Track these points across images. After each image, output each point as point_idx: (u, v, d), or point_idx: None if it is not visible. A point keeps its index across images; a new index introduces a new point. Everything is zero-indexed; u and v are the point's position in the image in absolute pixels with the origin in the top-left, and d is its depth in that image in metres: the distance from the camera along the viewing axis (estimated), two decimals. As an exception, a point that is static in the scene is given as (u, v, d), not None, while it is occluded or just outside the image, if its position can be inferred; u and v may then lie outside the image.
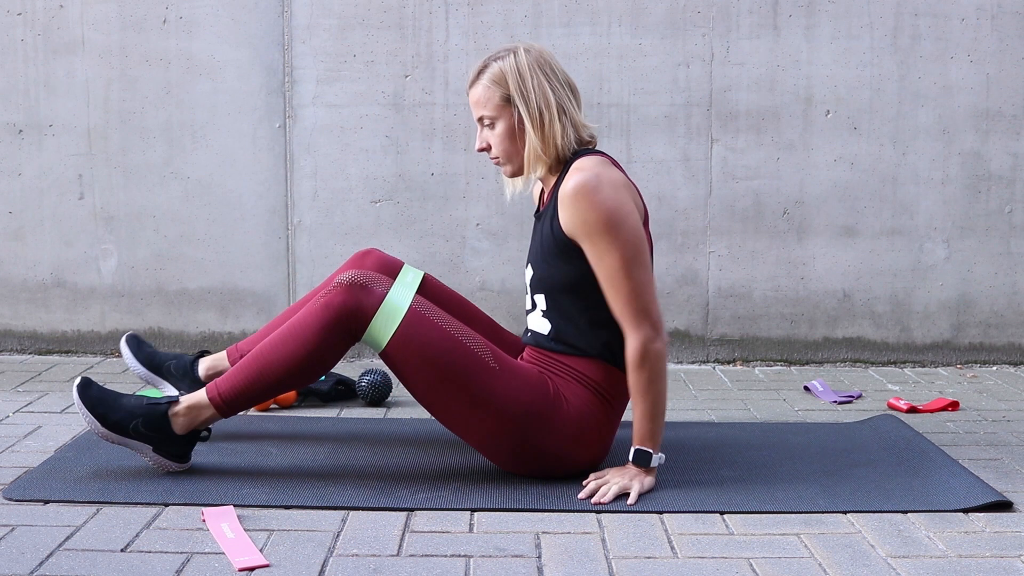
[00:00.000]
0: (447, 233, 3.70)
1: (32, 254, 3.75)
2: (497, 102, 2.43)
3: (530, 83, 2.42)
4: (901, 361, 3.76)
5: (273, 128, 3.69)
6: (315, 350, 2.34)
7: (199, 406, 2.40)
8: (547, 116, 2.42)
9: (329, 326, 2.33)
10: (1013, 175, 3.71)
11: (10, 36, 3.68)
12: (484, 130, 2.48)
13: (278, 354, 2.37)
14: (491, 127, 2.46)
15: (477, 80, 2.46)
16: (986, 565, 2.01)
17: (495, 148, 2.47)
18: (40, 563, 1.96)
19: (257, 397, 2.40)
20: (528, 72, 2.42)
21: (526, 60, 2.42)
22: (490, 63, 2.45)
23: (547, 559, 2.01)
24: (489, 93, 2.43)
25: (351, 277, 2.35)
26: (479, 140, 2.49)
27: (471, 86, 2.47)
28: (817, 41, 3.65)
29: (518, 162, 2.48)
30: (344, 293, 2.33)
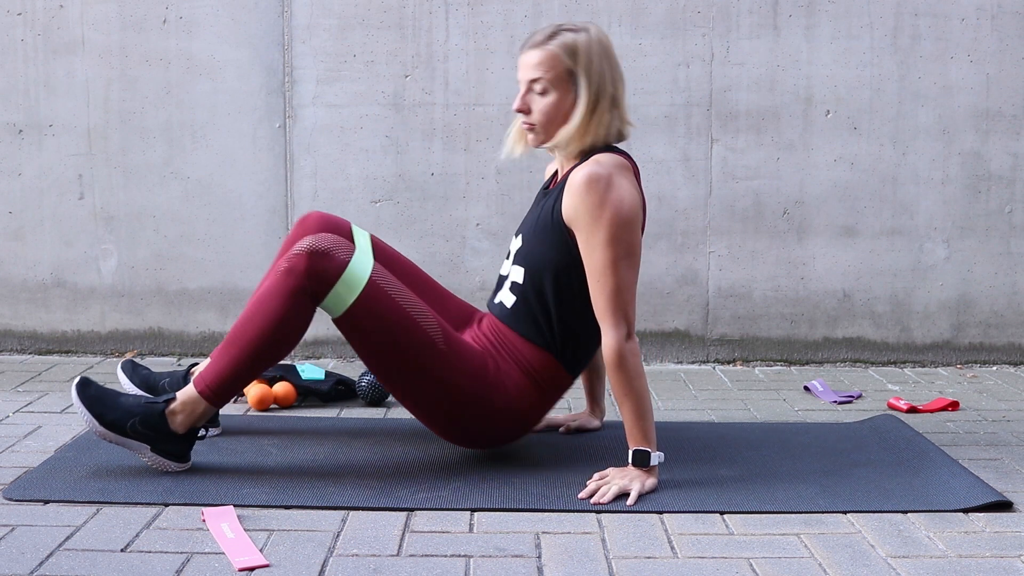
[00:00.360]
0: (447, 233, 3.71)
1: (32, 254, 3.75)
2: (560, 72, 2.42)
3: (596, 66, 2.42)
4: (901, 361, 3.76)
5: (273, 128, 3.69)
6: (282, 319, 2.37)
7: (191, 400, 2.41)
8: (602, 104, 2.43)
9: (292, 293, 2.36)
10: (1013, 175, 3.71)
11: (10, 36, 3.68)
12: (530, 94, 2.45)
13: (248, 330, 2.38)
14: (542, 94, 2.44)
15: (545, 43, 2.42)
16: (986, 565, 2.01)
17: (536, 114, 2.45)
18: (40, 563, 1.96)
19: (242, 377, 2.41)
20: (598, 55, 2.43)
21: (598, 42, 2.43)
22: (563, 32, 2.43)
23: (547, 559, 2.01)
24: (554, 61, 2.41)
25: (312, 244, 2.36)
26: (520, 101, 2.45)
27: (534, 47, 2.43)
28: (817, 41, 3.65)
29: (551, 134, 2.47)
30: (306, 260, 2.35)
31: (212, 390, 2.39)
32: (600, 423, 2.87)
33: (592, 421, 2.86)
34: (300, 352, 3.74)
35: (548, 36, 2.43)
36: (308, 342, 3.71)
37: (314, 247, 2.36)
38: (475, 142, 3.68)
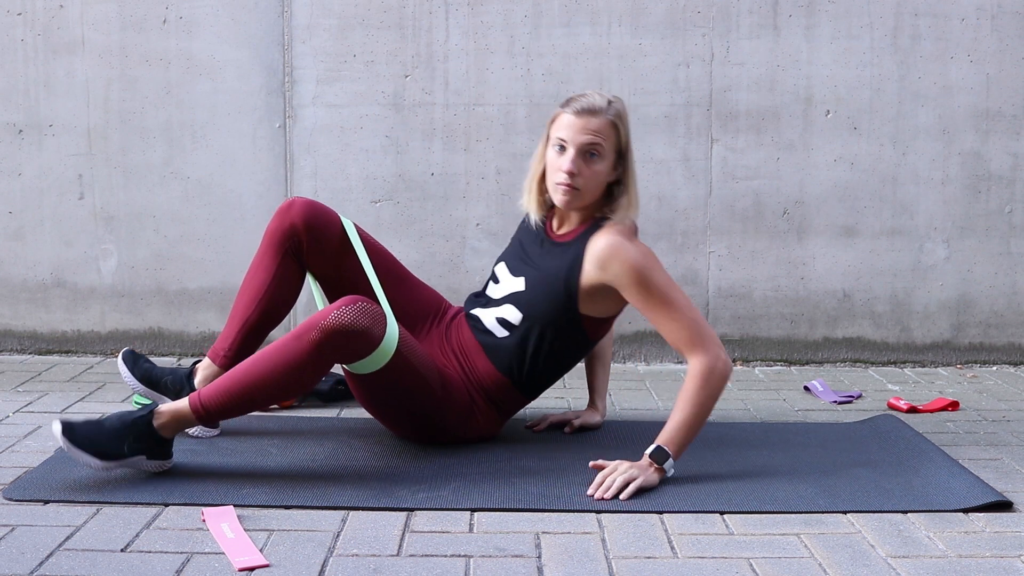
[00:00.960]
0: (447, 233, 3.71)
1: (32, 254, 3.75)
2: (613, 142, 2.53)
3: (630, 144, 2.60)
4: (901, 361, 3.76)
5: (273, 128, 3.69)
6: (300, 379, 2.42)
7: (181, 414, 2.40)
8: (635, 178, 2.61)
9: (319, 362, 2.38)
10: (1013, 175, 3.71)
11: (10, 36, 3.68)
12: (580, 158, 2.51)
13: (265, 380, 2.39)
14: (595, 159, 2.52)
15: (606, 111, 2.51)
16: (986, 565, 2.01)
17: (584, 179, 2.52)
18: (40, 563, 1.96)
19: (237, 411, 2.43)
20: (629, 132, 2.60)
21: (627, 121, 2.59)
22: (616, 103, 2.54)
23: (547, 559, 2.01)
24: (612, 130, 2.53)
25: (349, 322, 2.35)
26: (572, 163, 2.50)
27: (594, 113, 2.50)
28: (817, 41, 3.65)
29: (589, 200, 2.57)
30: (340, 338, 2.35)
31: (207, 410, 2.40)
32: (601, 419, 2.88)
33: (594, 416, 2.87)
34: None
35: (607, 103, 2.52)
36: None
37: (350, 327, 2.35)
38: (475, 142, 3.68)
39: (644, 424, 2.88)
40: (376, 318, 2.40)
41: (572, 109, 2.51)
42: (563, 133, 2.51)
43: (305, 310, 3.71)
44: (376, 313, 2.40)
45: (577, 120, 2.50)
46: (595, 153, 2.51)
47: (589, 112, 2.50)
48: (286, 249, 2.71)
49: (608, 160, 2.53)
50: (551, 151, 2.55)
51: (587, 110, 2.50)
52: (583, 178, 2.51)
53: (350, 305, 2.37)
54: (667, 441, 2.40)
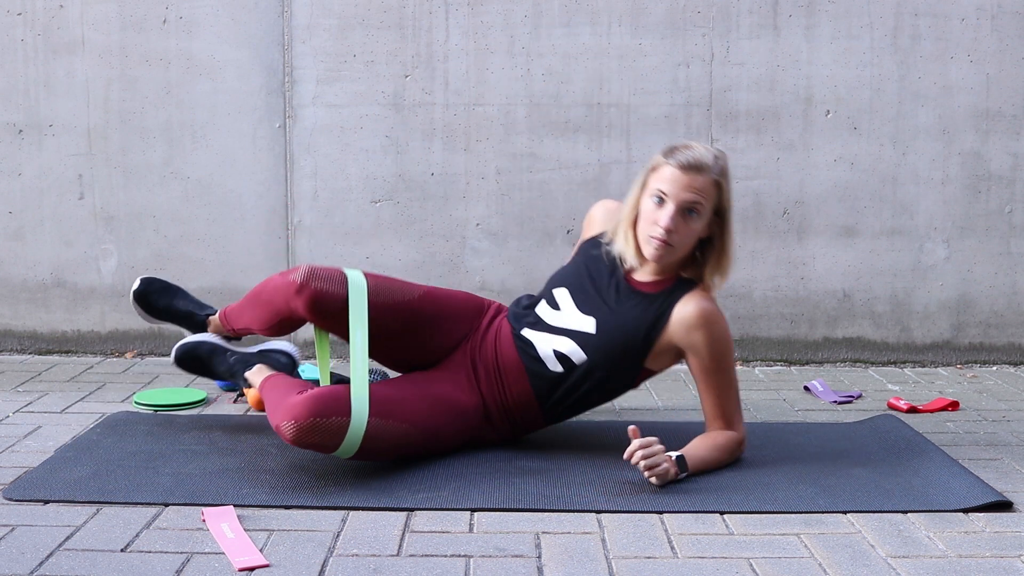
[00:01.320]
0: (447, 233, 3.70)
1: (32, 254, 3.75)
2: (714, 202, 2.47)
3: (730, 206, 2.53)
4: (901, 361, 3.76)
5: (273, 128, 3.69)
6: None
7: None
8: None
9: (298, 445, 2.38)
10: (1013, 175, 3.71)
11: (10, 36, 3.68)
12: (681, 214, 2.44)
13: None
14: (693, 217, 2.45)
15: (710, 170, 2.44)
16: (986, 565, 2.01)
17: (680, 236, 2.45)
18: (40, 563, 1.96)
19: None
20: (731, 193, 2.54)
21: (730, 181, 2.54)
22: (721, 160, 2.47)
23: (547, 559, 2.01)
24: (714, 190, 2.46)
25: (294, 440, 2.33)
26: (671, 220, 2.43)
27: (700, 171, 2.42)
28: (817, 41, 3.65)
29: (677, 257, 2.50)
30: (306, 434, 2.33)
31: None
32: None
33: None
34: (300, 351, 3.73)
35: (713, 160, 2.45)
36: (308, 342, 3.71)
37: (298, 443, 2.34)
38: (475, 142, 3.68)
39: (645, 424, 2.88)
40: (327, 432, 2.33)
41: (677, 162, 2.43)
42: (665, 186, 2.43)
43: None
44: (327, 428, 2.33)
45: (682, 176, 2.42)
46: (695, 211, 2.44)
47: (695, 169, 2.42)
48: (290, 321, 2.63)
49: (705, 219, 2.47)
50: (648, 201, 2.47)
51: (693, 166, 2.42)
52: (679, 235, 2.45)
53: (298, 422, 2.31)
54: (689, 457, 2.45)
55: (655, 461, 2.35)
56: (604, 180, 3.67)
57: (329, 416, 2.33)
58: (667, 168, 2.45)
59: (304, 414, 2.32)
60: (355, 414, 2.36)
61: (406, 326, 2.61)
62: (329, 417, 2.33)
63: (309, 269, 2.52)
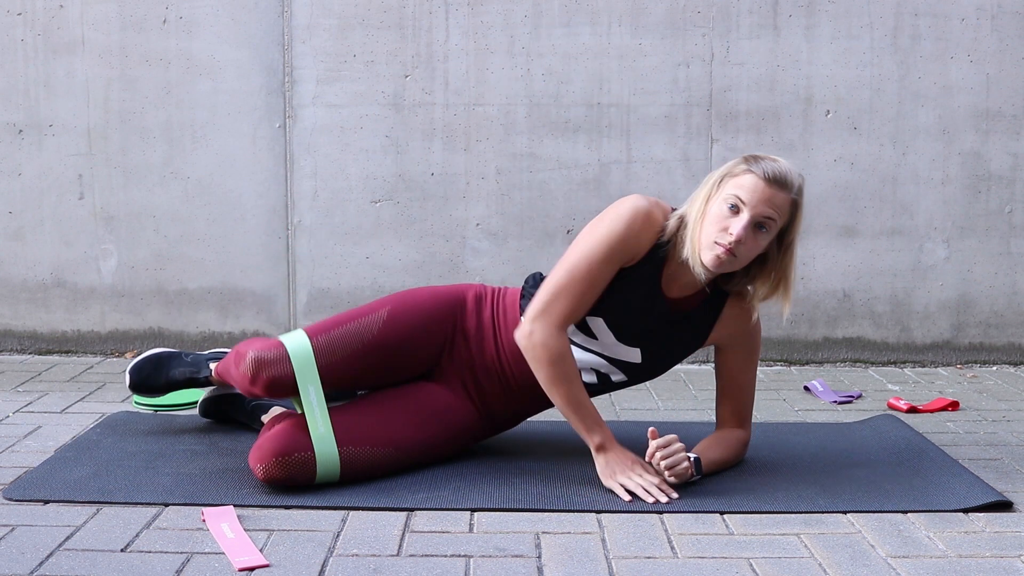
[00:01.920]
0: (447, 233, 3.70)
1: (32, 254, 3.75)
2: (785, 220, 2.35)
3: (798, 231, 2.42)
4: (901, 361, 3.76)
5: (273, 128, 3.69)
6: None
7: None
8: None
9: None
10: (1013, 175, 3.71)
11: (10, 36, 3.68)
12: (752, 227, 2.30)
13: None
14: (762, 233, 2.31)
15: (792, 189, 2.32)
16: (986, 565, 2.01)
17: (746, 249, 2.31)
18: (40, 563, 1.96)
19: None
20: (802, 217, 2.41)
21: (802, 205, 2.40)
22: (800, 181, 2.35)
23: (547, 559, 2.01)
24: (789, 210, 2.34)
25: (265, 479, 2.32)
26: (743, 230, 2.27)
27: (783, 187, 2.30)
28: (817, 41, 3.65)
29: (735, 269, 2.37)
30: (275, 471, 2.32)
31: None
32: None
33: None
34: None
35: (797, 177, 2.34)
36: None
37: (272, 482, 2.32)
38: (475, 142, 3.68)
39: (645, 425, 2.88)
40: (294, 467, 2.32)
41: (762, 172, 2.29)
42: (744, 195, 2.28)
43: (305, 310, 3.72)
44: (293, 463, 2.31)
45: (765, 188, 2.28)
46: (766, 228, 2.30)
47: (779, 183, 2.29)
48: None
49: (772, 237, 2.34)
50: (719, 204, 2.30)
51: (777, 180, 2.29)
52: (746, 248, 2.30)
53: (264, 463, 2.31)
54: (704, 458, 2.44)
55: (675, 460, 2.34)
56: (604, 180, 3.67)
57: (291, 453, 2.32)
58: (749, 177, 2.30)
59: (267, 453, 2.32)
60: (319, 452, 2.34)
61: (371, 367, 2.49)
62: (292, 454, 2.32)
63: (254, 360, 2.38)
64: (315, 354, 2.41)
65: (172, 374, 2.77)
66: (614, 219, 2.37)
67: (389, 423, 2.45)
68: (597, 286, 2.39)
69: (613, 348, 2.49)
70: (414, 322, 2.52)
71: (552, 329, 2.36)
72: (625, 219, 2.36)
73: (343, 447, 2.36)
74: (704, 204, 2.34)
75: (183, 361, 2.78)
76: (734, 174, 2.33)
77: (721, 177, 2.35)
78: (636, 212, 2.36)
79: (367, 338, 2.46)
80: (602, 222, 2.38)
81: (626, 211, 2.36)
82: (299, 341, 2.43)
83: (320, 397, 2.38)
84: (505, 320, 2.54)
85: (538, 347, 2.36)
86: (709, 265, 2.32)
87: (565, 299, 2.37)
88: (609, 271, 2.38)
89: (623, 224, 2.36)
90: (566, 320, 2.38)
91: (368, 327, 2.47)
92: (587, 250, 2.37)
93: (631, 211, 2.36)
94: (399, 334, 2.50)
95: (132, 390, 2.79)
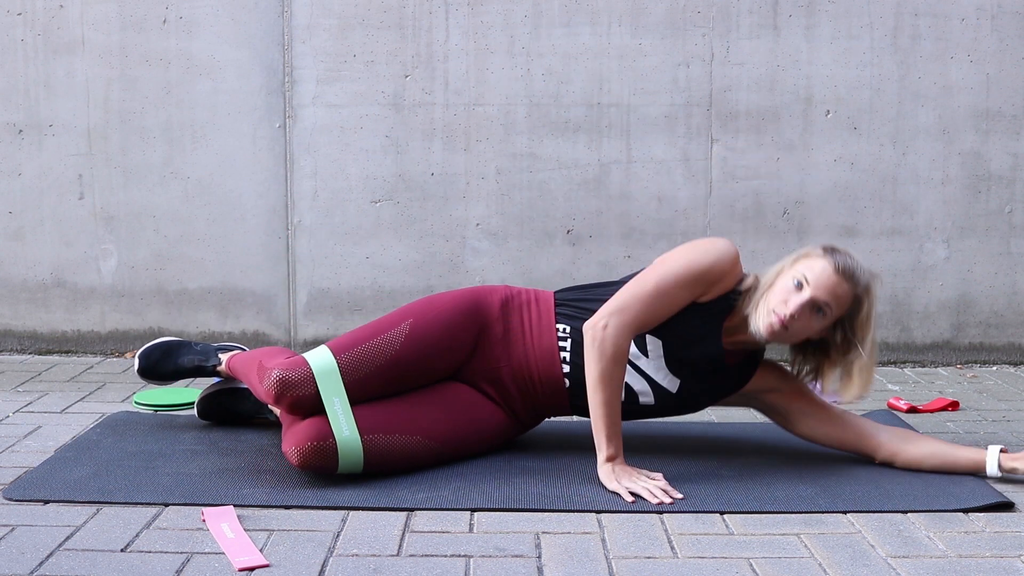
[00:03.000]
0: (447, 233, 3.70)
1: (32, 254, 3.75)
2: (842, 312, 2.43)
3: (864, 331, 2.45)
4: (901, 361, 3.76)
5: (273, 128, 3.69)
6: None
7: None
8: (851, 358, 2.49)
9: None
10: (1013, 175, 3.71)
11: (10, 36, 3.68)
12: (810, 307, 2.40)
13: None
14: (818, 316, 2.41)
15: (857, 284, 2.42)
16: (986, 565, 2.01)
17: (800, 326, 2.41)
18: (40, 563, 1.96)
19: None
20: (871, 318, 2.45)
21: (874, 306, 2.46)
22: (872, 281, 2.44)
23: (547, 559, 2.01)
24: (850, 301, 2.42)
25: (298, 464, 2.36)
26: (799, 307, 2.38)
27: (848, 279, 2.40)
28: (817, 41, 3.65)
29: (785, 343, 2.50)
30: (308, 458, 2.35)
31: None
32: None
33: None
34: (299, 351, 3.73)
35: (865, 275, 2.43)
36: (308, 341, 3.71)
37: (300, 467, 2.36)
38: (475, 142, 3.68)
39: (645, 425, 2.87)
40: (320, 454, 2.35)
41: (832, 262, 2.41)
42: (811, 276, 2.40)
43: (305, 310, 3.72)
44: (319, 450, 2.35)
45: (831, 276, 2.39)
46: (823, 311, 2.40)
47: (846, 275, 2.40)
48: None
49: (828, 323, 2.43)
50: (788, 279, 2.42)
51: (845, 272, 2.40)
52: (799, 324, 2.41)
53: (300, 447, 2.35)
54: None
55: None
56: (604, 180, 3.67)
57: (327, 439, 2.36)
58: (820, 262, 2.41)
59: (303, 439, 2.36)
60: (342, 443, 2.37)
61: (395, 379, 2.51)
62: (327, 440, 2.36)
63: (279, 381, 2.39)
64: (341, 373, 2.44)
65: (181, 361, 2.84)
66: (709, 250, 2.48)
67: (414, 412, 2.49)
68: (673, 306, 2.47)
69: (657, 371, 2.55)
70: (437, 333, 2.55)
71: (624, 329, 2.43)
72: (718, 254, 2.48)
73: (366, 436, 2.39)
74: (776, 275, 2.47)
75: (192, 349, 2.86)
76: (809, 256, 2.45)
77: (798, 256, 2.48)
78: (728, 252, 2.48)
79: (390, 354, 2.49)
80: (696, 249, 2.49)
81: (722, 248, 2.48)
82: (325, 360, 2.44)
83: (346, 406, 2.41)
84: (539, 325, 2.59)
85: (607, 340, 2.41)
86: (763, 331, 2.43)
87: (644, 306, 2.45)
88: (688, 296, 2.48)
89: (715, 258, 2.47)
90: (638, 326, 2.46)
91: (391, 342, 2.50)
92: (677, 269, 2.46)
93: (726, 249, 2.48)
94: (422, 347, 2.53)
95: (140, 375, 2.84)
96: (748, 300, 2.49)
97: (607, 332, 2.41)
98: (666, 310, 2.47)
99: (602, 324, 2.42)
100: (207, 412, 2.88)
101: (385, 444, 2.42)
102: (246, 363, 2.66)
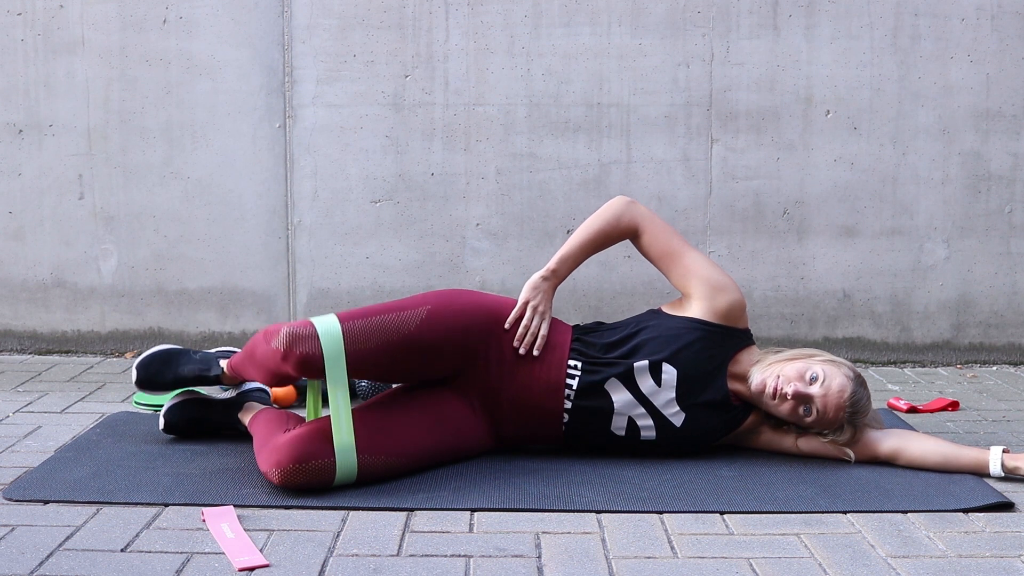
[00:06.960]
0: (447, 233, 3.71)
1: (32, 254, 3.75)
2: (825, 425, 2.55)
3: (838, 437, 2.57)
4: (901, 361, 3.76)
5: (273, 128, 3.69)
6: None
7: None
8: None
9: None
10: (1013, 175, 3.71)
11: (10, 36, 3.68)
12: (804, 399, 2.50)
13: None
14: (805, 411, 2.53)
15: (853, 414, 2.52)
16: (986, 565, 2.01)
17: (786, 408, 2.52)
18: (40, 563, 1.96)
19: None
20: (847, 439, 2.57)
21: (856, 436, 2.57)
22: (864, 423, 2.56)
23: (547, 559, 2.01)
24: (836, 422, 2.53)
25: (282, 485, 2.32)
26: (799, 393, 2.49)
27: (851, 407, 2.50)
28: (817, 41, 3.65)
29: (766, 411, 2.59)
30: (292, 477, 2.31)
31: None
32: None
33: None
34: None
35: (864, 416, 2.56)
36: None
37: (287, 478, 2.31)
38: (475, 142, 3.68)
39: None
40: (313, 474, 2.31)
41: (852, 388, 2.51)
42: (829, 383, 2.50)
43: (305, 310, 3.72)
44: (312, 470, 2.31)
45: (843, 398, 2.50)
46: (809, 412, 2.53)
47: (853, 407, 2.51)
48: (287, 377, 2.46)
49: (803, 421, 2.55)
50: (812, 367, 2.52)
51: (855, 404, 2.51)
52: (784, 405, 2.53)
53: (282, 467, 2.31)
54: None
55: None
56: (604, 180, 3.67)
57: (310, 460, 2.31)
58: (843, 380, 2.51)
59: (286, 459, 2.31)
60: (340, 460, 2.34)
61: (399, 362, 2.46)
62: (310, 461, 2.31)
63: (289, 335, 2.36)
64: (344, 339, 2.38)
65: (181, 371, 2.71)
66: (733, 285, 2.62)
67: (408, 433, 2.45)
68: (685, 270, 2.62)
69: (666, 405, 2.55)
70: (452, 326, 2.50)
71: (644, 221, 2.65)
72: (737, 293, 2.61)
73: (362, 455, 2.36)
74: (799, 355, 2.57)
75: (192, 358, 2.74)
76: (839, 367, 2.54)
77: (830, 359, 2.56)
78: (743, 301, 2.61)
79: (403, 332, 2.43)
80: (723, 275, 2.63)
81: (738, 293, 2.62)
82: (329, 323, 2.40)
83: (347, 402, 2.36)
84: (551, 358, 2.55)
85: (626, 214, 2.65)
86: (757, 384, 2.54)
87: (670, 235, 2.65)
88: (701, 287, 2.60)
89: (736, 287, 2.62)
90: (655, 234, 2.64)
91: (406, 322, 2.44)
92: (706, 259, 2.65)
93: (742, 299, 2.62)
94: (434, 335, 2.47)
95: (139, 386, 2.71)
96: (758, 356, 2.59)
97: (635, 209, 2.64)
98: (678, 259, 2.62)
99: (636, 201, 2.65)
100: (173, 425, 2.74)
101: (375, 464, 2.38)
102: (244, 350, 2.57)
